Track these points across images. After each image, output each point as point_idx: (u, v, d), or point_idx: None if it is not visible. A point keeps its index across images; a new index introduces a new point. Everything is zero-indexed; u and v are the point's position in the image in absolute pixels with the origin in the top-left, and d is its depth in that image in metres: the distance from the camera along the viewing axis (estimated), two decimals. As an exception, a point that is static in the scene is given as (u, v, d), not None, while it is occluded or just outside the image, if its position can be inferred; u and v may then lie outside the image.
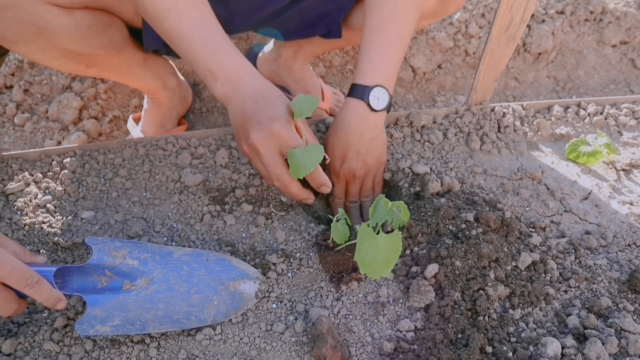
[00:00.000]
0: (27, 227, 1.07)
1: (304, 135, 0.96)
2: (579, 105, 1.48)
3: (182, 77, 1.61)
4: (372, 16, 1.08)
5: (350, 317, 0.92)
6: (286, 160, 0.92)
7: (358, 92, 1.07)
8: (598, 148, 1.28)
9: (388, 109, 1.08)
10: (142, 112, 1.57)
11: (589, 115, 1.45)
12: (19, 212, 1.09)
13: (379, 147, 1.14)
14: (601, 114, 1.46)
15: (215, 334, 0.89)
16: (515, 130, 1.36)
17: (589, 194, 1.22)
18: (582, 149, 1.30)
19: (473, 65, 1.97)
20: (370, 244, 0.79)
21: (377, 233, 0.81)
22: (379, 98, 1.06)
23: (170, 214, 1.10)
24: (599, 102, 1.49)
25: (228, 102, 0.99)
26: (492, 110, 1.38)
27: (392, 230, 0.92)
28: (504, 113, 1.38)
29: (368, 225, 0.80)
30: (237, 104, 0.98)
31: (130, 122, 1.58)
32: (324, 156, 0.94)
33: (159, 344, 0.88)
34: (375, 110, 1.06)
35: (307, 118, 1.03)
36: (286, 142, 0.93)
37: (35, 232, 1.06)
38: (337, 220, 0.92)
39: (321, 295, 0.95)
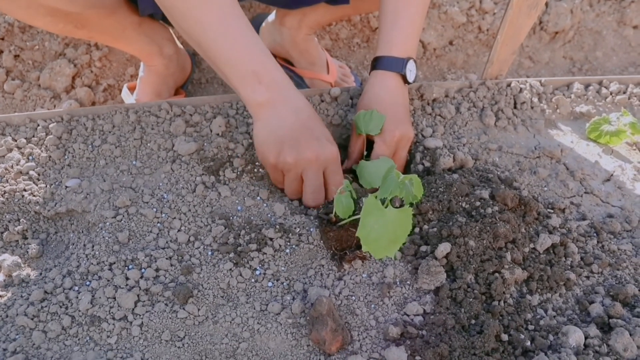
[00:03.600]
0: (6, 194, 0.99)
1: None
2: (600, 83, 1.38)
3: (180, 45, 1.52)
4: None
5: (353, 298, 0.84)
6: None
7: (392, 64, 1.04)
8: (622, 127, 1.19)
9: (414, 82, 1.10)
10: (137, 80, 1.49)
11: (611, 94, 1.35)
12: (-2, 179, 1.01)
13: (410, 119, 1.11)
14: (624, 93, 1.36)
15: (203, 314, 0.82)
16: (532, 107, 1.27)
17: (612, 175, 1.13)
18: (604, 128, 1.21)
19: (486, 43, 1.87)
20: (376, 218, 0.71)
21: (386, 207, 0.72)
22: (411, 70, 1.05)
23: (160, 184, 1.02)
24: (622, 80, 1.39)
25: (269, 108, 0.92)
26: (509, 85, 1.29)
27: (402, 205, 0.84)
28: (520, 89, 1.29)
29: (375, 197, 0.72)
30: (285, 113, 0.92)
31: (125, 91, 1.49)
32: None
33: (142, 322, 0.81)
34: (409, 83, 1.06)
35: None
36: (336, 168, 0.95)
37: (16, 200, 0.99)
38: (341, 193, 0.83)
39: (321, 274, 0.87)
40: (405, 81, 1.06)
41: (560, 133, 1.24)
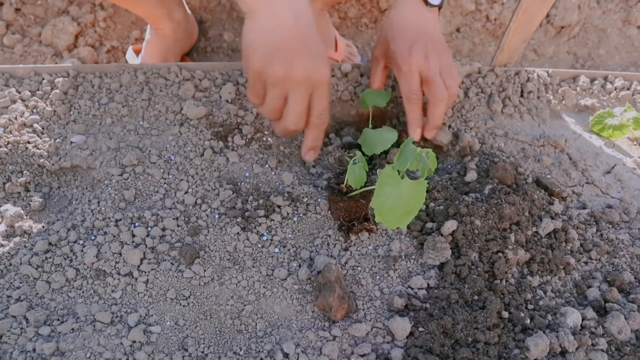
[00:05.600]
0: (10, 145, 0.97)
1: None
2: (606, 78, 1.40)
3: (189, 11, 1.50)
4: None
5: (359, 269, 0.85)
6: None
7: None
8: (625, 122, 1.21)
9: (441, 5, 1.03)
10: (143, 43, 1.46)
11: (615, 89, 1.37)
12: (1, 129, 0.99)
13: (441, 37, 1.05)
14: (628, 89, 1.38)
15: (209, 275, 0.82)
16: (538, 97, 1.29)
17: (613, 167, 1.15)
18: (608, 122, 1.23)
19: (493, 33, 1.87)
20: (393, 188, 0.72)
21: (402, 178, 0.73)
22: None
23: (168, 146, 1.01)
24: (627, 77, 1.41)
25: (265, 5, 0.80)
26: (517, 74, 1.30)
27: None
28: (528, 78, 1.30)
29: (393, 168, 0.72)
30: (284, 14, 0.79)
31: (130, 53, 1.47)
32: None
33: (147, 279, 0.81)
34: (431, 5, 1.01)
35: None
36: (324, 92, 0.86)
37: (19, 151, 0.97)
38: (354, 163, 0.83)
39: (328, 244, 0.88)
40: (427, 3, 1.01)
41: (565, 124, 1.26)
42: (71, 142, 1.01)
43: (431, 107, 1.02)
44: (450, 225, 0.86)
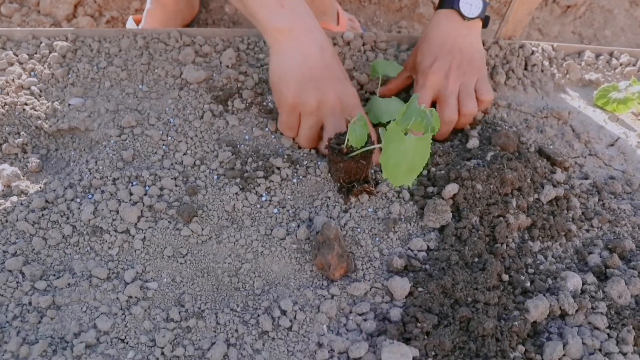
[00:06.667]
0: (7, 106, 0.96)
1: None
2: (611, 54, 1.38)
3: (190, -19, 1.48)
4: None
5: (358, 230, 0.84)
6: None
7: (447, 1, 0.98)
8: (630, 95, 1.20)
9: (483, 16, 0.99)
10: (143, 13, 1.44)
11: (620, 65, 1.35)
12: (-2, 90, 0.98)
13: (475, 53, 1.01)
14: (634, 65, 1.36)
15: (207, 234, 0.81)
16: (542, 71, 1.27)
17: (616, 140, 1.14)
18: (612, 95, 1.21)
19: (497, 11, 1.85)
20: (397, 145, 0.70)
21: (406, 134, 0.72)
22: (471, 5, 0.96)
23: (167, 109, 1.00)
24: (632, 53, 1.39)
25: (291, 39, 0.84)
26: (521, 47, 1.28)
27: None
28: (532, 51, 1.28)
29: (397, 125, 0.71)
30: (309, 47, 0.85)
31: (130, 22, 1.45)
32: None
33: (144, 237, 0.80)
34: (468, 18, 0.97)
35: None
36: (355, 111, 0.89)
37: (17, 113, 0.96)
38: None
39: (327, 206, 0.87)
40: (463, 17, 0.98)
41: (569, 98, 1.24)
42: (69, 105, 1.00)
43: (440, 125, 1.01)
44: (451, 189, 0.85)
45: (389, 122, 0.99)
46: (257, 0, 0.84)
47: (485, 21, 1.04)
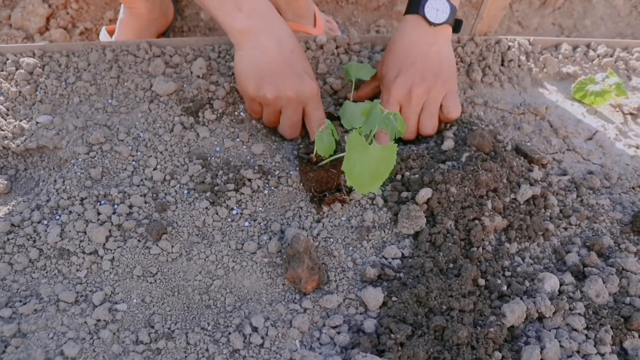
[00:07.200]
0: (-28, 127, 0.94)
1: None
2: (588, 45, 1.37)
3: (162, -11, 1.46)
4: None
5: (331, 240, 0.83)
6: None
7: (412, 6, 0.95)
8: (607, 88, 1.19)
9: (452, 22, 0.95)
10: (117, 23, 1.42)
11: (598, 56, 1.34)
12: (-37, 111, 0.96)
13: (442, 63, 0.96)
14: (611, 56, 1.36)
15: (177, 251, 0.80)
16: (519, 66, 1.26)
17: (594, 134, 1.13)
18: (589, 88, 1.20)
19: (476, 5, 1.84)
20: (361, 154, 0.69)
21: (370, 143, 0.70)
22: (437, 10, 0.92)
23: (137, 123, 0.98)
24: (609, 44, 1.38)
25: (250, 38, 0.88)
26: (497, 42, 1.27)
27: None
28: (509, 46, 1.27)
29: (360, 133, 0.70)
30: (268, 44, 0.88)
31: (103, 33, 1.43)
32: None
33: (113, 257, 0.79)
34: (434, 24, 0.93)
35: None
36: (317, 104, 0.93)
37: (-17, 133, 0.94)
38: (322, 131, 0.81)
39: (300, 216, 0.85)
40: (430, 23, 0.93)
41: (546, 92, 1.23)
42: (37, 123, 0.98)
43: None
44: (424, 193, 0.84)
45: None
46: (217, 5, 0.87)
47: (456, 26, 1.01)
